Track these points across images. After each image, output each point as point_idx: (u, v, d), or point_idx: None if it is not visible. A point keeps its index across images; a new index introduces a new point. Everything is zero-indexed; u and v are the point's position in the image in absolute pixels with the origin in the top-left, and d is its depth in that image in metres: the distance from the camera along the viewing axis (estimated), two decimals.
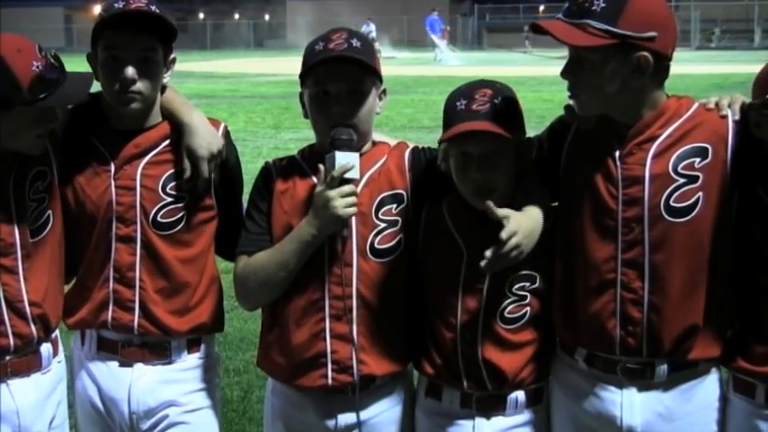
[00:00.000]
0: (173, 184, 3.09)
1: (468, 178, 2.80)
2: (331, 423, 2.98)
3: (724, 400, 2.89)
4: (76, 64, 3.13)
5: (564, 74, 2.76)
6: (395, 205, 2.95)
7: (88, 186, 3.09)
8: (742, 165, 2.73)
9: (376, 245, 2.93)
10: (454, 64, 38.62)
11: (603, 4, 2.64)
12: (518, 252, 2.65)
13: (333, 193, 2.79)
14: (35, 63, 2.79)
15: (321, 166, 2.84)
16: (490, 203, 2.67)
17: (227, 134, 3.21)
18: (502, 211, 2.66)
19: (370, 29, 42.03)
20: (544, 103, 19.02)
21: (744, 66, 28.33)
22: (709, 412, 2.88)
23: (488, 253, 2.64)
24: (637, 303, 2.77)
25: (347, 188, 2.80)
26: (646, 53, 2.66)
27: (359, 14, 50.93)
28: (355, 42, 2.89)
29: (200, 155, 3.05)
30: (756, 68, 2.83)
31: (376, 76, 2.96)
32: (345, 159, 2.80)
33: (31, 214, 2.96)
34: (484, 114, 2.76)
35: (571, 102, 2.83)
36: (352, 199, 2.81)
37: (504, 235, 2.62)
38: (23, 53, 2.79)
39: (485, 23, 61.94)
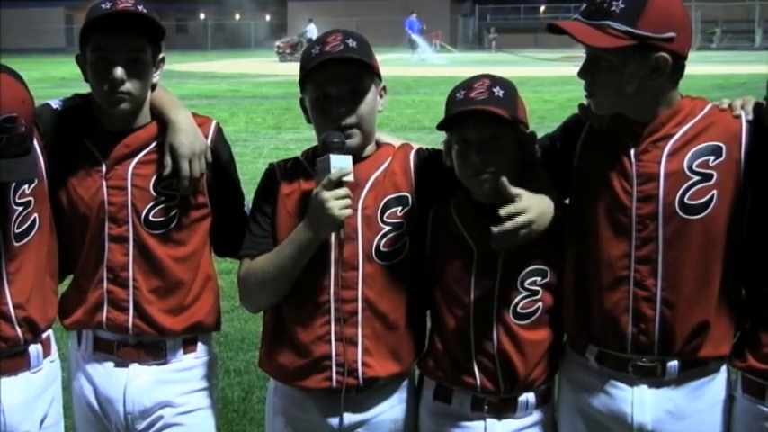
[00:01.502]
0: (164, 183, 3.09)
1: (467, 163, 2.82)
2: (334, 422, 2.98)
3: (731, 400, 2.89)
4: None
5: (581, 74, 2.77)
6: (400, 208, 2.95)
7: (80, 187, 3.08)
8: (756, 163, 2.74)
9: (381, 248, 2.93)
10: (437, 63, 39.07)
11: (623, 5, 2.64)
12: (528, 230, 2.68)
13: (327, 194, 2.78)
14: None
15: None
16: (504, 179, 2.70)
17: (218, 131, 3.20)
18: (515, 190, 2.69)
19: (310, 29, 43.97)
20: (545, 103, 19.05)
21: (745, 66, 28.40)
22: (718, 410, 2.88)
23: (495, 229, 2.65)
24: (649, 300, 2.77)
25: (342, 191, 2.79)
26: (665, 54, 2.67)
27: (359, 16, 50.97)
28: (351, 42, 2.89)
29: (180, 153, 3.04)
30: (757, 69, 2.85)
31: (375, 74, 2.96)
32: (340, 163, 2.79)
33: (17, 218, 2.93)
34: (481, 101, 2.78)
35: (586, 101, 2.83)
36: (347, 201, 2.81)
37: (512, 208, 2.65)
38: None
39: (485, 24, 61.94)
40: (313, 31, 43.67)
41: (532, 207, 2.69)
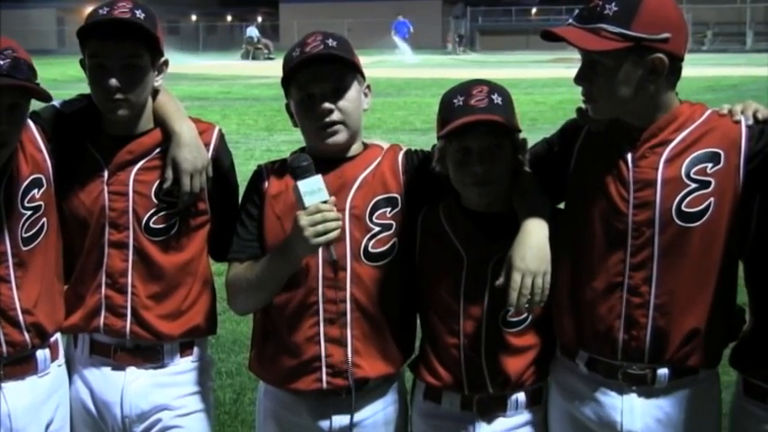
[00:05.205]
0: (165, 190, 3.07)
1: (468, 172, 2.81)
2: (325, 424, 2.98)
3: (720, 407, 2.88)
4: (68, 66, 3.14)
5: (578, 80, 2.76)
6: (389, 209, 2.95)
7: (81, 191, 3.08)
8: (761, 169, 2.71)
9: (370, 248, 2.93)
10: (411, 62, 39.22)
11: (616, 8, 2.64)
12: (541, 279, 2.69)
13: (305, 221, 2.72)
14: None
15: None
16: (496, 282, 2.72)
17: (221, 137, 3.20)
18: (501, 278, 2.69)
19: (249, 30, 47.50)
20: (537, 105, 19.07)
21: (736, 68, 28.42)
22: (708, 419, 2.88)
23: (511, 301, 2.68)
24: (642, 307, 2.76)
25: (320, 216, 2.73)
26: (661, 55, 2.66)
27: (350, 18, 50.94)
28: (331, 42, 2.91)
29: (183, 168, 3.04)
30: (749, 71, 2.85)
31: (357, 72, 2.96)
32: (309, 186, 2.75)
33: (26, 222, 2.94)
34: (483, 109, 2.77)
35: (583, 105, 2.82)
36: (330, 224, 2.74)
37: (512, 302, 2.67)
38: None
39: (477, 26, 61.92)
40: (253, 31, 47.95)
41: (527, 270, 2.67)
